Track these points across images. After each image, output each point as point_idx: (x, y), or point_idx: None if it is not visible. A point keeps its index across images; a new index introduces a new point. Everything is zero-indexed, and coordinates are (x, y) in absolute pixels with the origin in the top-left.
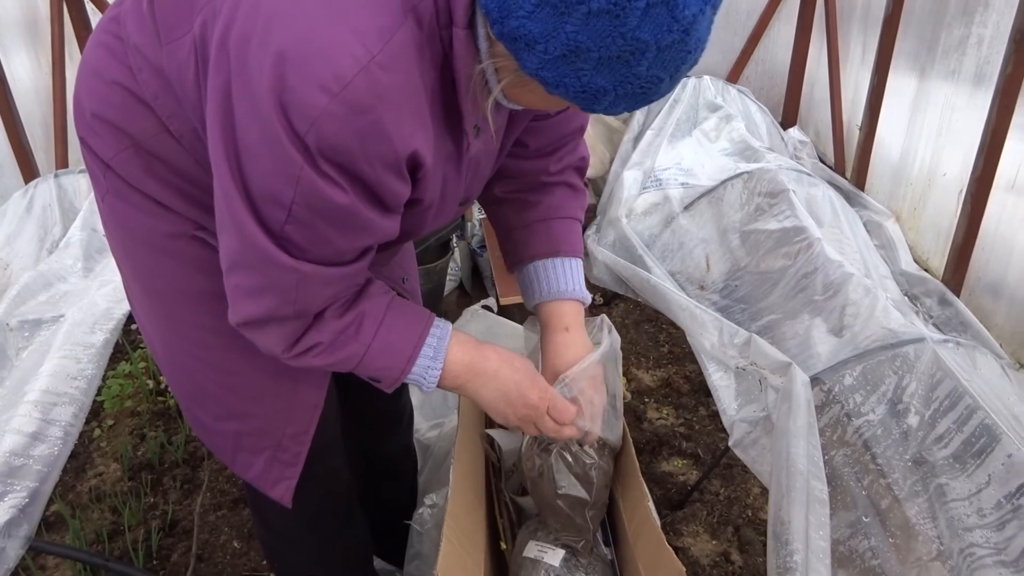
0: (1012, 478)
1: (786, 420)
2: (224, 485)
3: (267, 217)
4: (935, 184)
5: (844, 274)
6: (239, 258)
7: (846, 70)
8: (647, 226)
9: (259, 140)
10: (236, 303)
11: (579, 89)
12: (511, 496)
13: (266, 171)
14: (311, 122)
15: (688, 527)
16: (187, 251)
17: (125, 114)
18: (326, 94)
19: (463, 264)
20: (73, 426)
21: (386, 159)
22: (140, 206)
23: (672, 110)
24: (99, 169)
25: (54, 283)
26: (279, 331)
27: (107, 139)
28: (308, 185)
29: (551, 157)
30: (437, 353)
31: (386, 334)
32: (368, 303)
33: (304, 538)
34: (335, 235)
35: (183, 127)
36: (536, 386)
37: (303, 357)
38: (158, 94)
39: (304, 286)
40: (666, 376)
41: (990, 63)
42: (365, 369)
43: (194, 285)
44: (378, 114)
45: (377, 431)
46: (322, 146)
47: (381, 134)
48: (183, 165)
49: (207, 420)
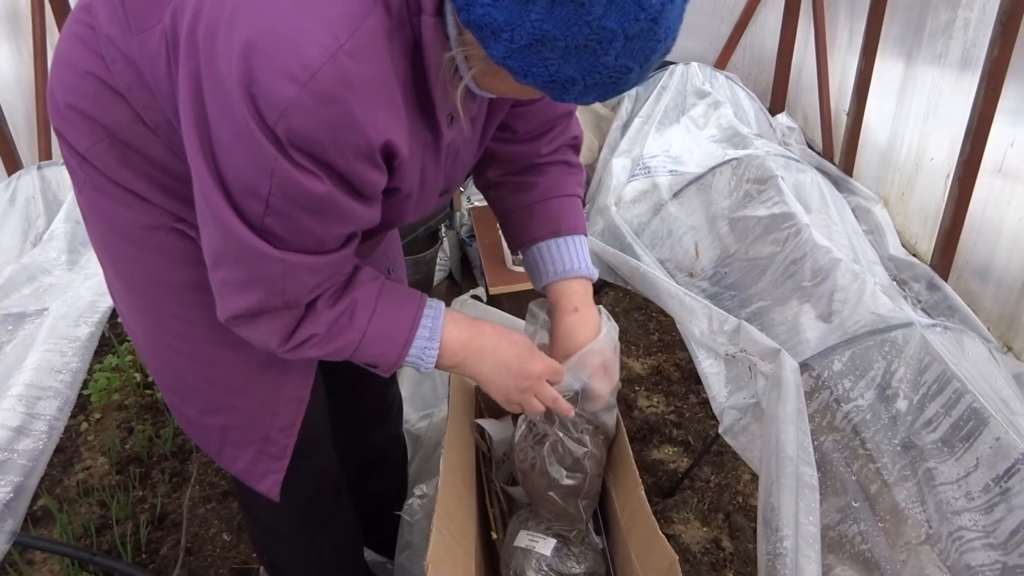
0: (1000, 461)
1: (775, 406)
2: (213, 478)
3: (246, 210)
4: (923, 169)
5: (832, 260)
6: (223, 252)
7: (833, 55)
8: (636, 214)
9: (232, 133)
10: (224, 298)
11: (547, 79)
12: (502, 486)
13: (241, 164)
14: (280, 113)
15: (679, 514)
16: (166, 243)
17: (99, 105)
18: (294, 84)
19: (452, 254)
20: (58, 420)
21: (359, 149)
22: (118, 198)
23: (660, 97)
24: (75, 161)
25: (38, 276)
26: (272, 324)
27: (82, 130)
28: (283, 176)
29: (541, 140)
30: (433, 333)
31: (380, 320)
32: (359, 291)
33: (293, 531)
34: (315, 224)
35: (158, 118)
36: (535, 357)
37: (299, 350)
38: (132, 85)
39: (290, 276)
40: (656, 364)
41: (976, 46)
42: (362, 356)
43: (174, 277)
44: (348, 104)
45: (366, 423)
46: (292, 137)
47: (352, 124)
48: (160, 156)
49: (192, 414)
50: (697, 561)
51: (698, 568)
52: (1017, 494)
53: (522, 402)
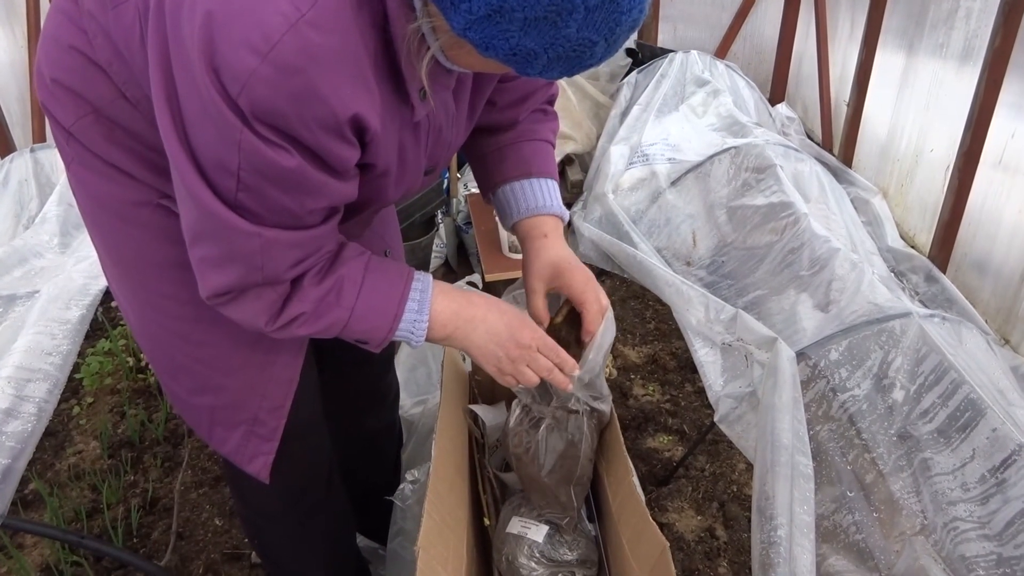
0: (996, 452)
1: (771, 395)
2: (205, 463)
3: (220, 186)
4: (922, 160)
5: (830, 249)
6: (199, 229)
7: (834, 46)
8: (633, 202)
9: (199, 107)
10: (203, 276)
11: (509, 51)
12: (495, 472)
13: (209, 138)
14: (242, 85)
15: (673, 503)
16: (152, 219)
17: (83, 80)
18: (255, 55)
19: (448, 241)
20: (48, 402)
21: (324, 122)
22: (104, 174)
23: (659, 85)
24: (62, 137)
25: (29, 259)
26: (257, 304)
27: (67, 106)
28: (250, 149)
29: (520, 107)
30: (422, 306)
31: (368, 295)
32: (345, 267)
33: (284, 515)
34: (288, 200)
35: (138, 94)
36: (526, 325)
37: (288, 328)
38: (112, 60)
39: (268, 251)
40: (652, 352)
41: (979, 36)
42: (351, 332)
43: (161, 254)
44: (310, 75)
45: (362, 408)
46: (256, 110)
47: (316, 97)
48: (143, 131)
49: (182, 393)
50: (691, 550)
51: (692, 557)
52: (1013, 485)
53: (515, 373)
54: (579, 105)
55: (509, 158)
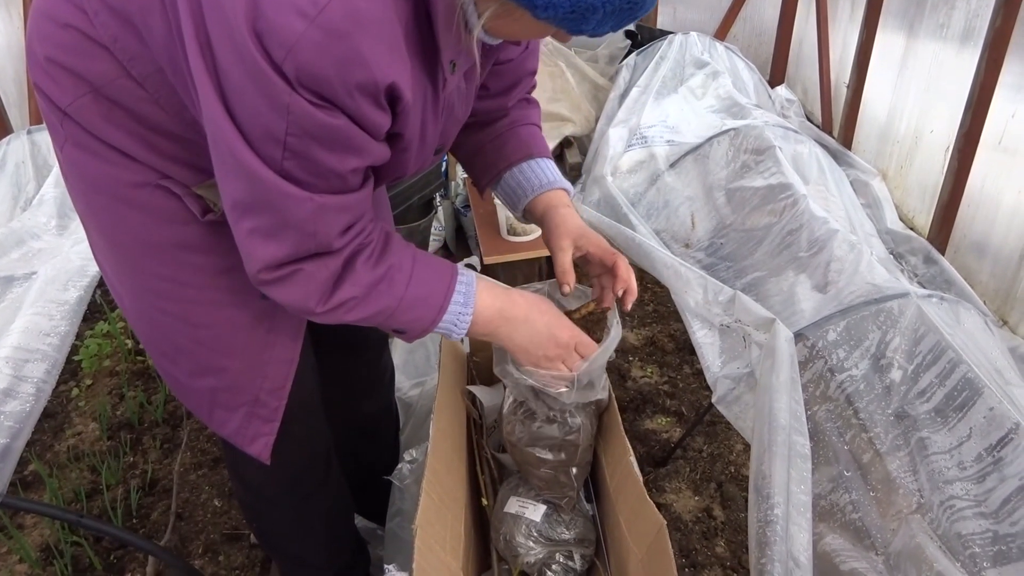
0: (993, 431)
1: (769, 376)
2: (204, 444)
3: (267, 155)
4: (922, 142)
5: (829, 231)
6: (250, 200)
7: (834, 28)
8: (632, 184)
9: (243, 77)
10: (254, 249)
11: (568, 9)
12: (492, 452)
13: (256, 108)
14: (288, 49)
15: (671, 484)
16: (152, 201)
17: (81, 58)
18: (303, 19)
19: (447, 223)
20: (46, 383)
21: (365, 88)
22: (101, 155)
23: (658, 67)
24: (56, 117)
25: (27, 240)
26: (310, 284)
27: (63, 85)
28: (300, 111)
29: (509, 94)
30: (467, 299)
31: (416, 285)
32: (395, 256)
33: (283, 497)
34: (334, 160)
35: (146, 69)
36: (564, 326)
37: (337, 312)
38: (117, 36)
39: (320, 215)
40: (650, 335)
41: (979, 16)
42: (396, 321)
43: (160, 236)
44: (356, 40)
45: (358, 390)
46: (300, 74)
47: (359, 61)
48: (146, 111)
49: (181, 376)
50: (688, 530)
51: (689, 537)
52: (1009, 463)
53: (551, 368)
54: (578, 87)
55: (509, 143)
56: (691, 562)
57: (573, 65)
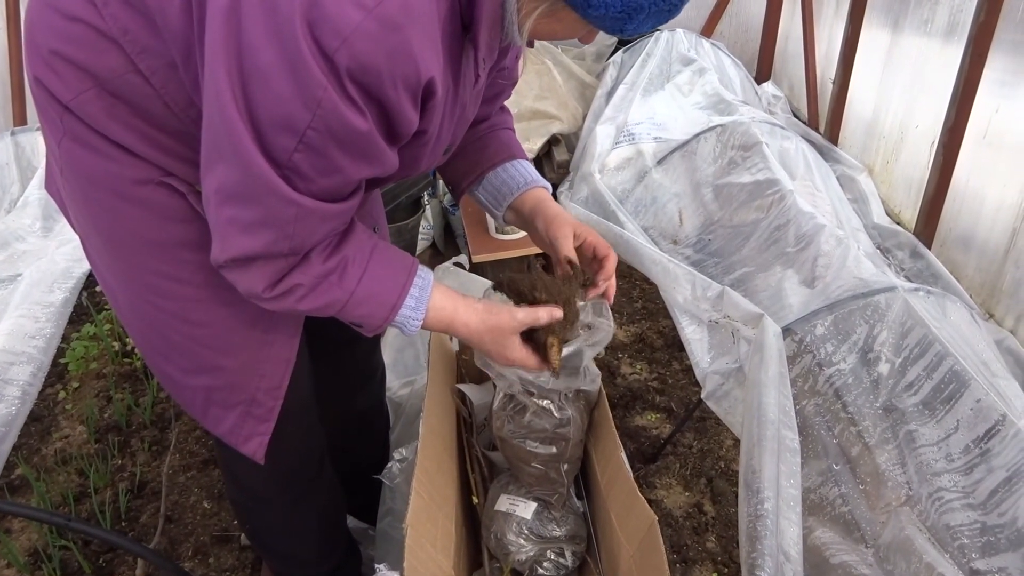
0: (980, 423)
1: (758, 371)
2: (193, 446)
3: (274, 146)
4: (907, 137)
5: (816, 226)
6: (237, 190)
7: (819, 24)
8: (620, 181)
9: (275, 61)
10: (228, 238)
11: (619, 9)
12: (482, 450)
13: (280, 95)
14: (343, 39)
15: (661, 479)
16: (153, 198)
17: (89, 52)
18: (360, 9)
19: (435, 222)
20: (32, 385)
21: (409, 81)
22: (102, 151)
23: (645, 64)
24: (55, 112)
25: (12, 243)
26: (264, 269)
27: (67, 79)
28: (330, 108)
29: (495, 102)
30: (419, 303)
31: (369, 282)
32: (351, 248)
33: (275, 497)
34: (347, 163)
35: (156, 63)
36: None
37: (283, 299)
38: (128, 28)
39: (302, 221)
40: (640, 331)
41: (963, 11)
42: (347, 315)
43: (160, 234)
44: (408, 33)
45: (350, 388)
46: (352, 65)
47: (409, 55)
48: (151, 108)
49: (175, 374)
50: (679, 525)
51: (680, 532)
52: (996, 455)
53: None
54: (565, 85)
55: (490, 145)
56: (682, 558)
57: (560, 63)
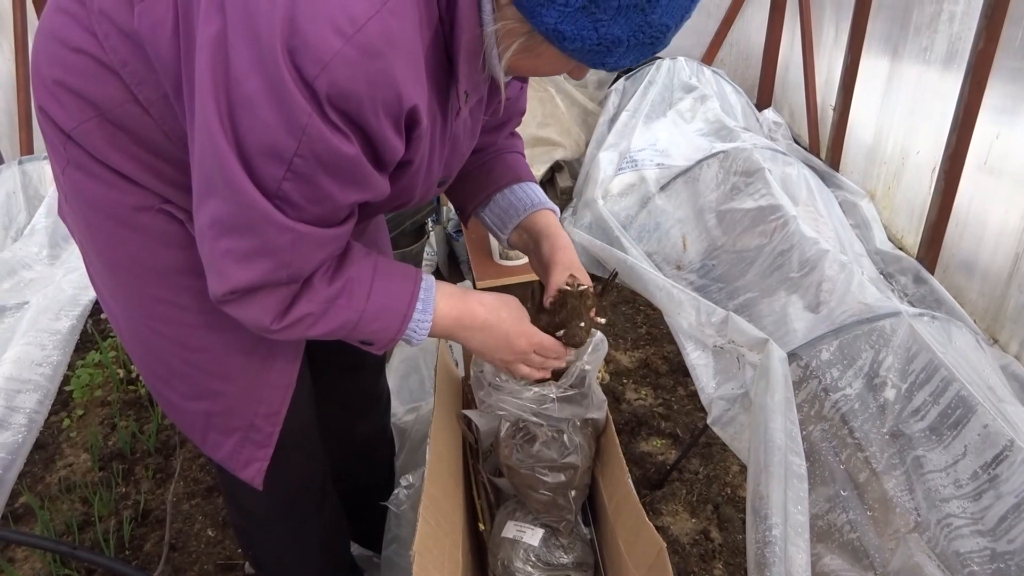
0: (988, 448)
1: (764, 396)
2: (198, 474)
3: (263, 175)
4: (908, 163)
5: (820, 251)
6: (231, 221)
7: (820, 52)
8: (623, 207)
9: (260, 90)
10: (226, 270)
11: (595, 42)
12: (489, 477)
13: (266, 123)
14: (323, 65)
15: (667, 506)
16: (153, 224)
17: (90, 82)
18: (340, 36)
19: (439, 248)
20: (38, 413)
21: (391, 109)
22: (103, 179)
23: (647, 91)
24: (59, 140)
25: (18, 270)
26: (267, 301)
27: (70, 108)
28: (315, 134)
29: (500, 132)
30: (426, 307)
31: (378, 297)
32: (353, 268)
33: (278, 523)
34: (336, 189)
35: (153, 95)
36: (523, 334)
37: (294, 329)
38: (127, 60)
39: (299, 247)
40: (644, 357)
41: (962, 39)
42: (359, 334)
43: (159, 259)
44: (389, 61)
45: (354, 413)
46: (332, 92)
47: (390, 82)
48: (150, 137)
49: (175, 399)
50: (686, 553)
51: (687, 559)
52: (1005, 481)
53: (511, 371)
54: (568, 112)
55: (496, 167)
56: None
57: (563, 90)
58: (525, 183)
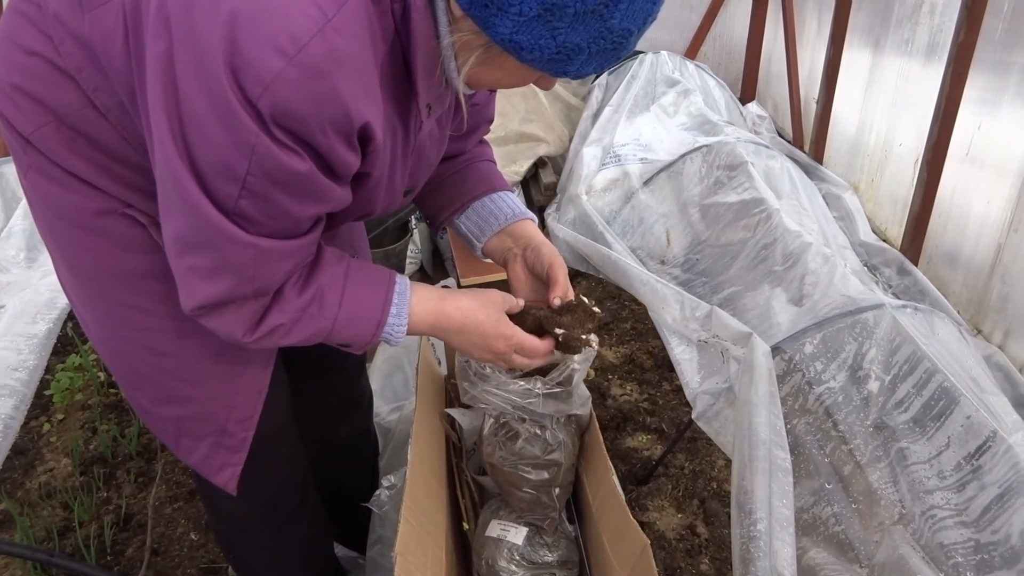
0: (971, 439)
1: (748, 390)
2: (180, 477)
3: (219, 193)
4: (891, 155)
5: (803, 244)
6: (191, 239)
7: (802, 45)
8: (607, 202)
9: (207, 109)
10: (191, 287)
11: (554, 50)
12: (472, 475)
13: (217, 143)
14: (265, 86)
15: (653, 501)
16: (115, 229)
17: (47, 87)
18: (281, 56)
19: (423, 246)
20: (14, 419)
21: (339, 127)
22: (63, 183)
23: (630, 86)
24: (19, 144)
25: None
26: (238, 314)
27: (27, 113)
28: (264, 153)
29: (468, 139)
30: (400, 311)
31: (350, 305)
32: (324, 276)
33: (258, 527)
34: (293, 204)
35: (109, 101)
36: (501, 335)
37: (268, 339)
38: (82, 67)
39: (261, 261)
40: (629, 352)
41: (943, 31)
42: (335, 340)
43: (124, 264)
44: (335, 80)
45: (335, 416)
46: (275, 112)
47: (336, 101)
48: (109, 142)
49: (146, 404)
50: (672, 548)
51: (674, 555)
52: (988, 472)
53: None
54: (551, 108)
55: (470, 179)
56: None
57: None
58: (502, 192)
